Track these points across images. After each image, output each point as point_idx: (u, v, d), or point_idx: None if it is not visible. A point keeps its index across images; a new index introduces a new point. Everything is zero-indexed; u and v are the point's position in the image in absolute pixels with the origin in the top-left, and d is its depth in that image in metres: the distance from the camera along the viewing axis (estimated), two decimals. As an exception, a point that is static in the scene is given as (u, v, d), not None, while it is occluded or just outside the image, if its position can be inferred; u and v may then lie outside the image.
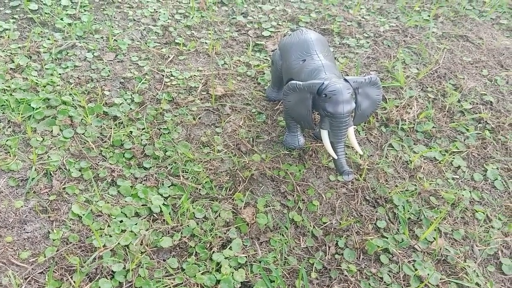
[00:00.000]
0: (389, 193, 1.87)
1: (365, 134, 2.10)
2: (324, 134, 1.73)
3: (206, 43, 2.48)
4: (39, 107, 1.96)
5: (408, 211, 1.82)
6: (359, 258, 1.67)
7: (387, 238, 1.73)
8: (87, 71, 2.22)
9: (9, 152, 1.80)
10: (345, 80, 1.69)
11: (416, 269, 1.64)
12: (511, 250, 1.77)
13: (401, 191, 1.89)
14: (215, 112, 2.10)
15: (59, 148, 1.86)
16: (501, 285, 1.68)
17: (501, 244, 1.78)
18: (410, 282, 1.61)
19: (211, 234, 1.66)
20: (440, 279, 1.63)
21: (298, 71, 1.81)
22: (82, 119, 1.97)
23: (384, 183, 1.91)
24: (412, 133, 2.14)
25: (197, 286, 1.53)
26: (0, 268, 1.48)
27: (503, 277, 1.70)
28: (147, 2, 2.70)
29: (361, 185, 1.88)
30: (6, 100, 1.96)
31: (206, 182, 1.82)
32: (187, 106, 2.10)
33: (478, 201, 1.92)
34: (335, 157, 1.71)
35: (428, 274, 1.62)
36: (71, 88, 2.09)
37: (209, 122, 2.06)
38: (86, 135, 1.92)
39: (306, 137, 2.02)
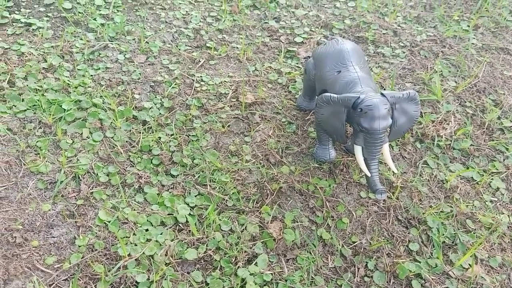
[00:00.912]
0: (423, 213, 1.79)
1: (399, 150, 2.03)
2: (358, 150, 1.66)
3: (237, 47, 2.44)
4: (70, 109, 1.96)
5: (443, 234, 1.74)
6: (390, 282, 1.60)
7: (419, 262, 1.66)
8: (118, 73, 2.20)
9: (39, 154, 1.80)
10: (382, 94, 1.62)
11: (450, 298, 1.57)
12: (551, 281, 1.68)
13: (435, 212, 1.81)
14: (245, 120, 2.06)
15: (88, 151, 1.85)
16: (540, 318, 1.59)
17: (541, 275, 1.69)
18: (443, 311, 1.54)
19: (237, 248, 1.63)
20: (475, 309, 1.55)
21: (333, 83, 1.75)
22: (111, 122, 1.96)
23: (418, 202, 1.83)
24: (448, 150, 2.05)
25: (221, 302, 1.49)
26: (25, 273, 1.48)
27: (542, 310, 1.61)
28: (180, 4, 2.68)
29: (393, 204, 1.81)
30: (38, 100, 1.97)
31: (233, 193, 1.78)
32: (216, 113, 2.06)
33: (518, 227, 1.82)
34: (368, 174, 1.64)
35: (462, 304, 1.55)
36: (102, 90, 2.08)
37: (238, 130, 2.02)
38: (115, 139, 1.90)
39: (337, 150, 1.96)
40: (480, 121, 2.19)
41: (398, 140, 2.05)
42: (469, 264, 1.66)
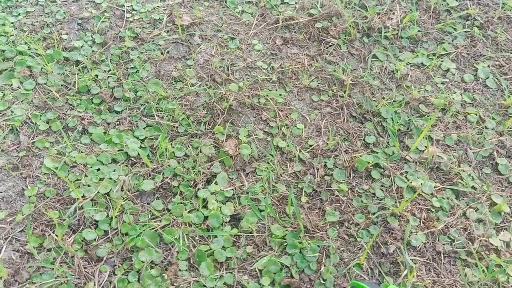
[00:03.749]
0: (376, 106, 1.77)
1: (347, 48, 1.96)
2: None
3: (166, -31, 2.26)
4: (-7, 61, 1.81)
5: (397, 123, 1.73)
6: (350, 176, 1.61)
7: (377, 153, 1.66)
8: (41, 15, 2.03)
9: (-32, 113, 1.69)
10: None
11: (409, 180, 1.58)
12: (507, 149, 1.71)
13: (388, 102, 1.79)
14: (184, 43, 1.95)
15: (22, 101, 1.74)
16: (499, 186, 1.63)
17: (496, 144, 1.71)
18: (404, 194, 1.56)
19: (194, 171, 1.59)
20: (434, 187, 1.57)
21: None
22: (42, 68, 1.83)
23: (370, 96, 1.81)
24: (396, 40, 2.00)
25: (185, 224, 1.48)
26: (-23, 232, 1.42)
27: (500, 177, 1.65)
28: None
29: (346, 102, 1.78)
30: (-43, 57, 1.81)
31: (182, 119, 1.72)
32: (153, 41, 1.94)
33: (470, 103, 1.83)
34: None
35: (421, 184, 1.56)
36: (26, 36, 1.93)
37: (179, 55, 1.92)
38: (48, 84, 1.78)
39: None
40: (426, 5, 2.12)
41: (344, 38, 1.99)
42: (425, 146, 1.66)
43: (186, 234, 1.46)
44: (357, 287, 1.15)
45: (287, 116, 1.75)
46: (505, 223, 1.54)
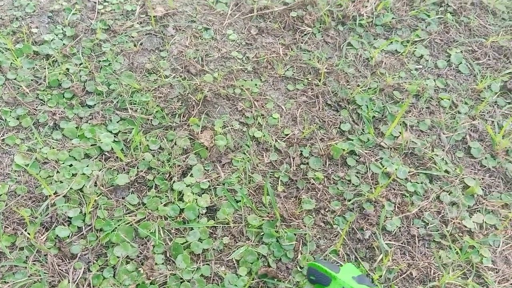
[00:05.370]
0: (351, 94, 1.77)
1: (322, 36, 1.96)
2: None
3: (138, -40, 2.22)
4: (-40, 57, 1.76)
5: (372, 110, 1.73)
6: (325, 164, 1.61)
7: (352, 140, 1.66)
8: (10, 9, 1.98)
9: None
10: None
11: (384, 166, 1.59)
12: (479, 133, 1.73)
13: (363, 90, 1.79)
14: (158, 35, 1.92)
15: (-9, 98, 1.69)
16: (471, 169, 1.65)
17: (468, 129, 1.73)
18: (379, 180, 1.57)
19: (169, 164, 1.57)
20: (409, 172, 1.59)
21: None
22: (11, 63, 1.78)
23: (345, 84, 1.81)
24: (371, 28, 2.00)
25: (161, 218, 1.47)
26: None
27: (473, 160, 1.67)
28: None
29: (321, 90, 1.78)
30: None
31: (157, 112, 1.70)
32: (125, 33, 1.91)
33: (443, 88, 1.84)
34: None
35: (396, 169, 1.57)
36: (-6, 31, 1.88)
37: (152, 46, 1.89)
38: (18, 79, 1.74)
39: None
40: (400, -8, 2.13)
41: (319, 26, 1.98)
42: (399, 132, 1.67)
43: (162, 228, 1.44)
44: (314, 268, 1.15)
45: (262, 106, 1.74)
46: (478, 205, 1.56)
